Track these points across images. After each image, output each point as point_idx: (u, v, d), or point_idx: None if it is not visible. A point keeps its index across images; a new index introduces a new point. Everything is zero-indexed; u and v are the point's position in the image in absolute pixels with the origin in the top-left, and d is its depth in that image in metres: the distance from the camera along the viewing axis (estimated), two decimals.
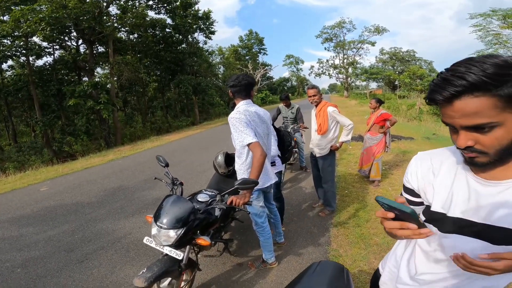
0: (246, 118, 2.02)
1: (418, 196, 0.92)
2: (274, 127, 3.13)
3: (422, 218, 0.88)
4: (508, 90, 0.59)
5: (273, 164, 2.89)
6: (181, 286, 2.06)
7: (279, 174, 3.01)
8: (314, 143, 3.42)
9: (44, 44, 16.06)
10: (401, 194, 0.98)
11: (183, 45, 23.63)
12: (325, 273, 1.12)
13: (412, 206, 0.92)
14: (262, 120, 2.24)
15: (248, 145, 1.94)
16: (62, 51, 17.32)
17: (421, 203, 0.91)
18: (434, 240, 0.84)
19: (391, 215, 0.70)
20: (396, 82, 39.27)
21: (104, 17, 15.72)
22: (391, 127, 4.44)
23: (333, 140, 3.33)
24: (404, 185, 0.96)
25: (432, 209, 0.85)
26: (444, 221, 0.81)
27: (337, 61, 50.58)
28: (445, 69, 0.67)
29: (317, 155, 3.44)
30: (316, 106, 3.36)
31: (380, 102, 4.54)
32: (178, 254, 1.81)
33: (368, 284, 2.18)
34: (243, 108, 2.12)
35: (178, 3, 21.16)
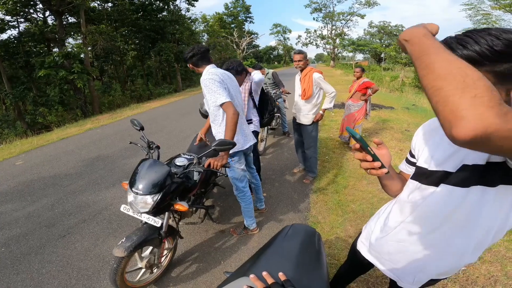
0: (218, 77, 1.97)
1: (413, 156, 0.96)
2: (263, 90, 3.16)
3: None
4: (506, 67, 0.57)
5: (249, 121, 2.87)
6: (163, 254, 2.04)
7: (255, 133, 2.96)
8: (298, 108, 3.42)
9: (7, 18, 14.65)
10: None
11: (164, 13, 22.04)
12: (297, 237, 1.13)
13: (409, 166, 0.99)
14: (232, 79, 2.22)
15: (221, 105, 1.91)
16: (28, 24, 15.81)
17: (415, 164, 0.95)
18: (415, 193, 0.89)
19: (357, 145, 0.78)
20: (382, 55, 39.15)
21: None
22: (372, 95, 4.53)
23: (317, 106, 3.34)
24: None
25: (417, 164, 0.89)
26: (423, 175, 0.86)
27: (325, 32, 50.17)
28: (456, 34, 0.63)
29: (301, 123, 3.46)
30: (301, 71, 3.32)
31: (363, 70, 4.60)
32: (156, 222, 1.78)
33: (344, 251, 2.29)
34: (213, 70, 2.07)
35: None
